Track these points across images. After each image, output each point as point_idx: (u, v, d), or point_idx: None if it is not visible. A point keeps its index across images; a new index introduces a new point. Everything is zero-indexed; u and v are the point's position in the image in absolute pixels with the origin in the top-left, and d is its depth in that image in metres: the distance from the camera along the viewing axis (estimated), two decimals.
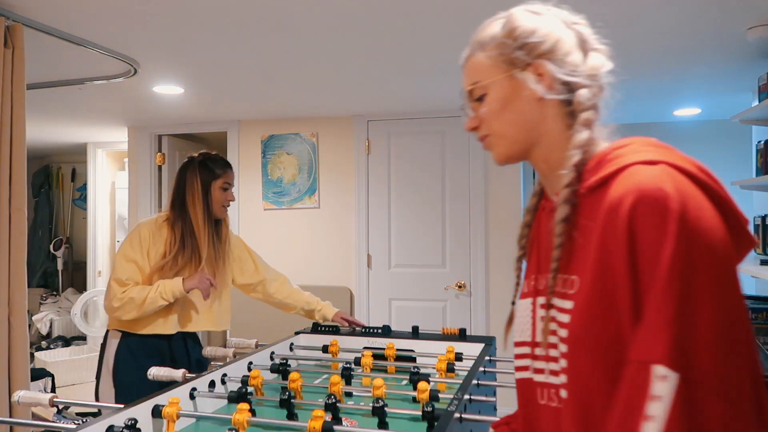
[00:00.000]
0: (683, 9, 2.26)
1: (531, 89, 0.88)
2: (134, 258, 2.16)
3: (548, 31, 0.89)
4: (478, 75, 0.96)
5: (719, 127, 4.85)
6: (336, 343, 2.20)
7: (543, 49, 0.88)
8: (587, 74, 0.88)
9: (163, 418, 1.41)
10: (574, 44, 0.89)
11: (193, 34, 2.51)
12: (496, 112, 0.92)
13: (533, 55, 0.88)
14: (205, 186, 2.25)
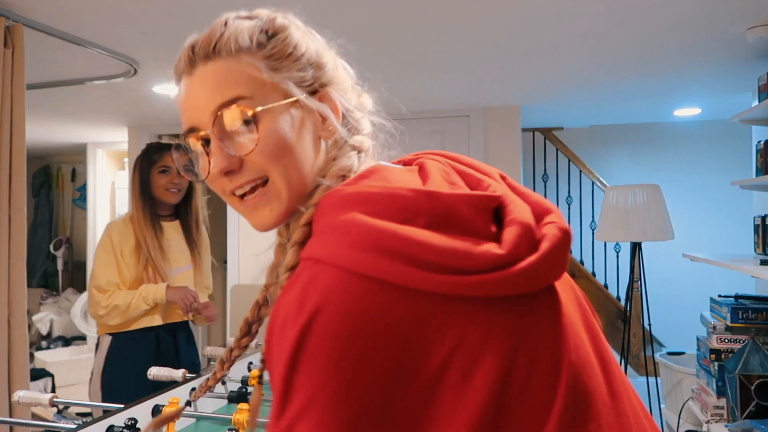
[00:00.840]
0: (683, 9, 2.26)
1: (318, 123, 0.70)
2: (109, 262, 2.19)
3: (325, 54, 0.79)
4: (242, 88, 0.67)
5: (719, 127, 4.85)
6: None
7: (326, 77, 0.75)
8: (363, 108, 0.78)
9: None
10: (349, 79, 0.79)
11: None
12: (275, 149, 0.66)
13: (317, 81, 0.73)
14: (145, 176, 2.24)
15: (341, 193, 0.60)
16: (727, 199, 4.85)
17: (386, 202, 0.57)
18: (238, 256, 4.60)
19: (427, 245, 0.53)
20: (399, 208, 0.56)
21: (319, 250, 0.57)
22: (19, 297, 2.12)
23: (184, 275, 2.29)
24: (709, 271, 4.25)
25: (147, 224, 2.19)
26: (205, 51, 0.72)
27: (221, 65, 0.68)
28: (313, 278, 0.55)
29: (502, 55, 2.84)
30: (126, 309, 2.12)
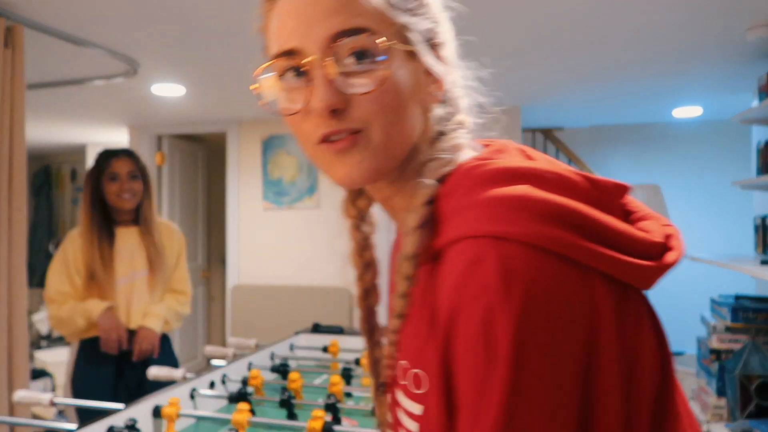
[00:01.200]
0: (683, 9, 2.26)
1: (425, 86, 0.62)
2: (60, 271, 2.16)
3: (445, 16, 0.69)
4: (368, 19, 0.56)
5: (719, 127, 4.85)
6: (336, 343, 2.20)
7: (445, 37, 0.68)
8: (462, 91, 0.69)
9: (163, 418, 1.41)
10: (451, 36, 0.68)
11: (193, 34, 2.51)
12: (390, 98, 0.57)
13: (438, 40, 0.66)
14: (95, 184, 2.23)
15: (497, 167, 0.54)
16: (727, 199, 4.85)
17: (555, 180, 0.52)
18: (238, 256, 4.60)
19: (606, 224, 0.51)
20: (567, 187, 0.52)
21: (494, 225, 0.50)
22: (19, 297, 2.12)
23: (132, 284, 2.21)
24: (709, 271, 4.25)
25: (90, 236, 2.16)
26: None
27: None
28: (506, 259, 0.48)
29: (502, 55, 2.84)
30: (69, 322, 2.10)
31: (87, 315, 2.09)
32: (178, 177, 5.03)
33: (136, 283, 2.22)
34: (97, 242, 2.15)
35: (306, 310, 4.22)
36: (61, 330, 2.16)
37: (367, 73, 0.56)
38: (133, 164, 2.26)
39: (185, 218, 5.15)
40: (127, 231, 2.24)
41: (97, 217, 2.19)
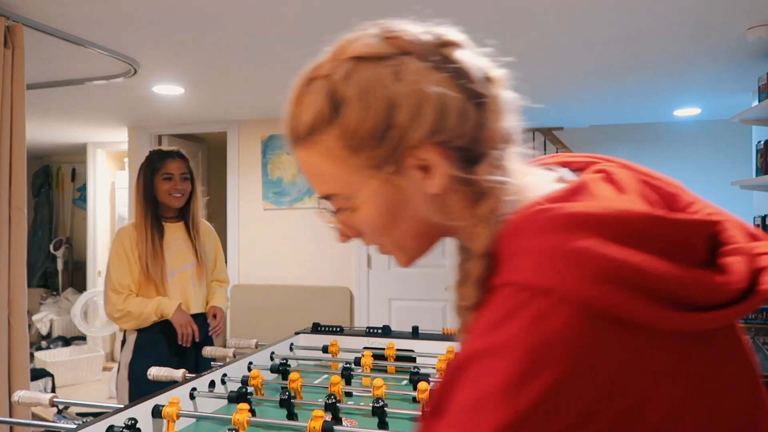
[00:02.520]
0: (683, 9, 2.26)
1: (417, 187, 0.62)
2: (121, 264, 2.31)
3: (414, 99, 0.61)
4: (329, 185, 0.65)
5: (719, 127, 4.85)
6: (336, 343, 2.20)
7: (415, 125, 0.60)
8: (486, 133, 0.64)
9: (163, 418, 1.41)
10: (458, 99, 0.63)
11: (193, 34, 2.51)
12: (376, 227, 0.64)
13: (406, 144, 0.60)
14: (148, 183, 2.35)
15: (564, 212, 0.52)
16: (727, 199, 4.82)
17: (626, 228, 0.50)
18: (237, 256, 4.60)
19: (672, 277, 0.49)
20: (631, 233, 0.50)
21: (544, 278, 0.49)
22: (19, 297, 2.12)
23: (185, 274, 2.41)
24: None
25: (145, 230, 2.32)
26: (289, 136, 0.67)
27: (306, 155, 0.64)
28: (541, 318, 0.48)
29: (501, 55, 2.84)
30: (138, 317, 2.28)
31: (160, 312, 2.28)
32: None
33: (187, 275, 2.42)
34: (150, 236, 2.31)
35: (306, 310, 4.22)
36: (123, 321, 2.30)
37: (352, 215, 0.64)
38: (185, 166, 2.41)
39: None
40: (174, 226, 2.42)
41: (150, 213, 2.34)
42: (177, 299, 2.36)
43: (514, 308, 0.49)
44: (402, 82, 0.61)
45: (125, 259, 2.31)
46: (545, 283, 0.49)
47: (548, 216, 0.52)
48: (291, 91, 0.68)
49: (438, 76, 0.63)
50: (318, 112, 0.63)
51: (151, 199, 2.35)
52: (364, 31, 0.70)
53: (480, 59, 0.70)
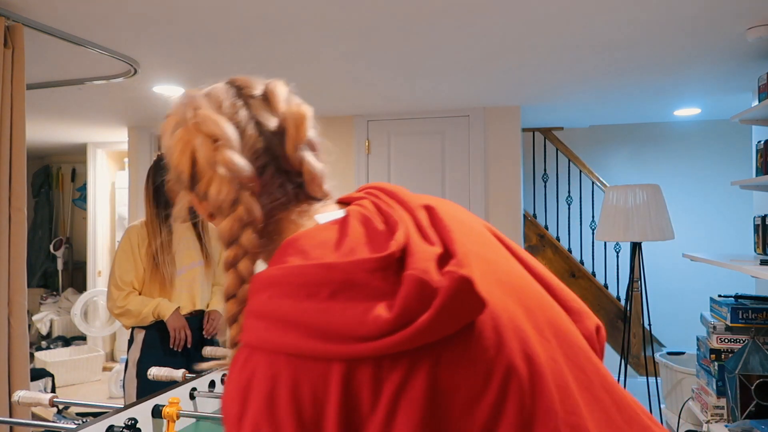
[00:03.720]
0: (683, 9, 2.26)
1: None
2: (126, 260, 2.36)
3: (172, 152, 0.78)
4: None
5: (719, 127, 4.85)
6: None
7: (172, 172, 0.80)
8: (216, 206, 0.72)
9: (163, 418, 1.41)
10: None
11: (193, 35, 2.51)
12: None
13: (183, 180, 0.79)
14: (159, 183, 2.38)
15: (256, 278, 0.66)
16: (727, 199, 4.84)
17: (291, 281, 0.61)
18: None
19: (324, 319, 0.58)
20: (302, 284, 0.61)
21: (246, 336, 0.64)
22: (19, 297, 2.12)
23: (193, 271, 2.47)
24: (709, 271, 4.25)
25: (157, 229, 2.37)
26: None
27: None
28: (250, 365, 0.61)
29: (502, 55, 2.84)
30: (137, 315, 2.32)
31: (158, 312, 2.32)
32: None
33: (195, 272, 2.47)
34: (159, 234, 2.37)
35: None
36: (122, 318, 2.36)
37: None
38: None
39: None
40: (183, 226, 2.47)
41: (161, 212, 2.39)
42: (184, 296, 2.41)
43: (238, 364, 0.62)
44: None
45: (131, 256, 2.35)
46: (246, 339, 0.63)
47: (254, 281, 0.66)
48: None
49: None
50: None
51: (163, 199, 2.39)
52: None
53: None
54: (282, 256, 0.66)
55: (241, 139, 0.71)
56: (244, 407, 0.59)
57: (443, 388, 0.58)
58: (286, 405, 0.57)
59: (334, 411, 0.56)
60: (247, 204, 0.70)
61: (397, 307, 0.57)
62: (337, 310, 0.58)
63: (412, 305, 0.57)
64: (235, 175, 0.69)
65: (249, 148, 0.71)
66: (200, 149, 0.72)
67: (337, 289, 0.59)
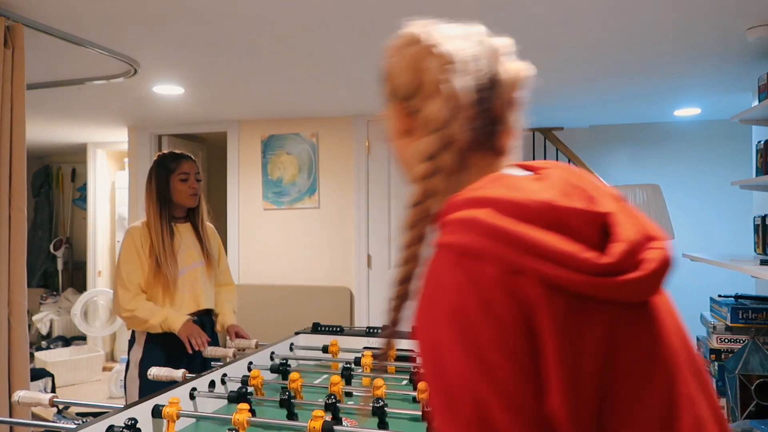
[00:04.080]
0: (683, 9, 2.26)
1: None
2: (132, 261, 2.34)
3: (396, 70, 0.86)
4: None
5: (719, 127, 4.85)
6: (336, 343, 2.20)
7: (395, 86, 0.85)
8: (427, 122, 0.79)
9: (163, 418, 1.41)
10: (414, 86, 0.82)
11: (193, 34, 2.51)
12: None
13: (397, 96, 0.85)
14: (163, 183, 2.40)
15: (465, 198, 0.71)
16: (727, 199, 4.84)
17: (511, 206, 0.67)
18: (237, 256, 4.60)
19: (540, 241, 0.64)
20: (521, 210, 0.66)
21: (445, 237, 0.70)
22: (19, 297, 2.12)
23: (194, 272, 2.45)
24: (709, 271, 4.25)
25: (159, 230, 2.37)
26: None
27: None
28: (463, 267, 0.66)
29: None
30: (143, 323, 2.29)
31: (167, 326, 2.29)
32: None
33: (197, 273, 2.46)
34: (162, 235, 2.36)
35: (306, 310, 4.22)
36: (128, 321, 2.33)
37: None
38: (196, 167, 2.49)
39: None
40: (183, 226, 2.48)
41: (165, 213, 2.39)
42: (187, 296, 2.40)
43: (434, 263, 0.70)
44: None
45: (136, 257, 2.34)
46: (445, 240, 0.69)
47: (462, 197, 0.71)
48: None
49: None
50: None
51: (165, 200, 2.39)
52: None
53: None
54: (493, 185, 0.72)
55: (470, 70, 0.79)
56: (458, 302, 0.64)
57: (614, 345, 0.65)
58: (500, 305, 0.63)
59: (546, 322, 0.62)
60: (458, 127, 0.76)
61: (615, 256, 0.64)
62: (552, 239, 0.64)
63: (625, 262, 0.65)
64: (459, 98, 0.77)
65: (474, 80, 0.79)
66: (431, 67, 0.80)
67: (552, 224, 0.65)
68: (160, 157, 2.48)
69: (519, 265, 0.64)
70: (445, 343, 0.64)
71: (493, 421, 0.61)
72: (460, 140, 0.77)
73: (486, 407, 0.61)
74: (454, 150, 0.77)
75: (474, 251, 0.66)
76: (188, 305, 2.40)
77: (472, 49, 0.83)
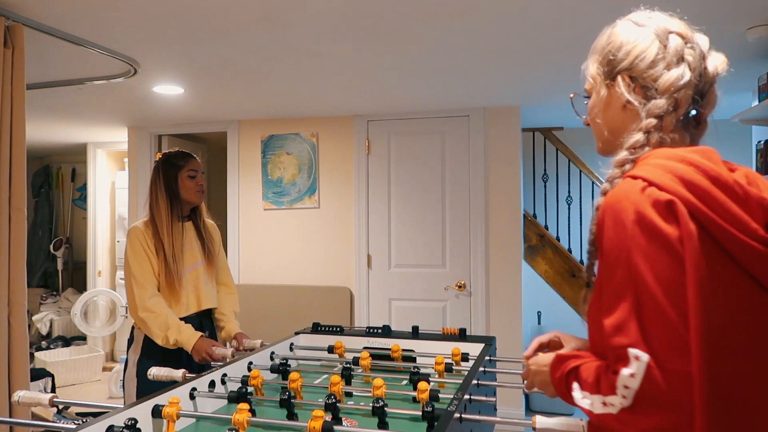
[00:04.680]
0: (683, 9, 2.25)
1: (616, 96, 1.06)
2: (143, 259, 2.31)
3: (633, 46, 1.04)
4: (587, 78, 1.13)
5: (719, 127, 4.84)
6: (341, 345, 2.20)
7: (625, 64, 1.04)
8: (663, 88, 1.00)
9: (163, 418, 1.41)
10: (658, 58, 1.02)
11: (193, 34, 2.51)
12: (594, 110, 1.12)
13: (618, 69, 1.05)
14: (172, 181, 2.39)
15: (669, 153, 0.95)
16: None
17: (709, 172, 0.89)
18: (238, 256, 4.60)
19: (723, 201, 0.87)
20: (713, 179, 0.89)
21: (643, 173, 0.93)
22: (19, 297, 2.12)
23: (196, 272, 2.43)
24: None
25: (170, 228, 2.35)
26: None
27: (587, 63, 1.16)
28: (628, 188, 0.92)
29: (502, 55, 2.84)
30: (158, 335, 2.24)
31: (181, 342, 2.23)
32: None
33: (199, 271, 2.44)
34: (169, 233, 2.34)
35: (306, 310, 4.22)
36: (142, 322, 2.25)
37: (590, 101, 1.15)
38: (201, 165, 2.52)
39: None
40: (186, 225, 2.45)
41: (177, 211, 2.39)
42: (191, 296, 2.39)
43: (627, 189, 0.92)
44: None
45: (145, 256, 2.31)
46: (650, 177, 0.91)
47: (668, 152, 0.95)
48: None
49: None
50: (599, 44, 1.15)
51: (175, 197, 2.38)
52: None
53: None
54: (695, 153, 0.94)
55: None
56: (643, 214, 0.88)
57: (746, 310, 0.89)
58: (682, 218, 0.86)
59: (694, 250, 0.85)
60: (686, 94, 1.00)
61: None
62: (735, 207, 0.87)
63: None
64: (694, 69, 1.00)
65: (697, 61, 1.02)
66: (673, 43, 1.01)
67: (738, 199, 0.88)
68: (166, 155, 2.48)
69: (701, 215, 0.86)
70: (633, 239, 0.87)
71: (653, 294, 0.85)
72: (682, 108, 1.00)
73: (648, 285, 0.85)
74: (677, 114, 1.00)
75: (663, 188, 0.88)
76: (191, 305, 2.39)
77: (693, 35, 1.04)
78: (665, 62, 1.00)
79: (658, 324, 0.83)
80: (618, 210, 0.90)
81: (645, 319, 0.84)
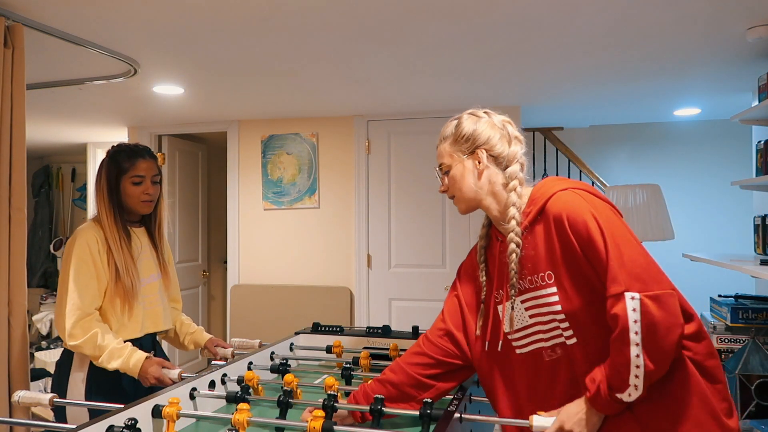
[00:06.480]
0: (683, 9, 2.26)
1: (473, 168, 1.47)
2: (87, 272, 1.96)
3: (482, 131, 1.47)
4: (444, 158, 1.51)
5: (719, 127, 4.85)
6: (339, 344, 2.20)
7: (478, 143, 1.46)
8: (510, 158, 1.47)
9: (163, 418, 1.41)
10: (500, 138, 1.48)
11: (193, 34, 2.51)
12: (455, 182, 1.49)
13: (473, 147, 1.47)
14: (113, 183, 2.03)
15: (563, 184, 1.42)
16: (727, 199, 4.84)
17: (591, 188, 1.40)
18: (237, 256, 4.60)
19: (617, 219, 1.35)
20: (596, 192, 1.38)
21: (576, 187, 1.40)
22: (19, 297, 2.12)
23: (152, 286, 2.13)
24: (709, 271, 4.24)
25: (116, 234, 2.00)
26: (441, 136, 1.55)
27: (443, 146, 1.53)
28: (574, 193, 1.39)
29: (502, 55, 2.84)
30: (95, 359, 1.91)
31: (125, 369, 1.90)
32: (178, 177, 5.03)
33: (155, 287, 2.14)
34: (119, 240, 2.00)
35: (306, 310, 4.23)
36: (77, 350, 1.92)
37: (445, 179, 1.53)
38: (155, 167, 2.10)
39: (185, 218, 5.15)
40: (138, 231, 2.12)
41: (120, 216, 2.03)
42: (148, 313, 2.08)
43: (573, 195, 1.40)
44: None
45: (92, 268, 1.95)
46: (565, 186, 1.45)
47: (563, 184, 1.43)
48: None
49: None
50: (449, 131, 1.54)
51: (116, 201, 2.03)
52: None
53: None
54: (569, 182, 1.42)
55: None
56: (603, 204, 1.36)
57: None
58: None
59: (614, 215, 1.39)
60: (522, 160, 1.49)
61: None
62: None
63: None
64: (521, 145, 1.49)
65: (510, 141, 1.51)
66: (507, 129, 1.50)
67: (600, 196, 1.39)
68: (114, 150, 2.07)
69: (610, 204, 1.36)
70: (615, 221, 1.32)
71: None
72: (525, 167, 1.49)
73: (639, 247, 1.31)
74: (523, 171, 1.47)
75: (595, 193, 1.37)
76: (147, 325, 2.08)
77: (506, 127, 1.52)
78: (506, 141, 1.49)
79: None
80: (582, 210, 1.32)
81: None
